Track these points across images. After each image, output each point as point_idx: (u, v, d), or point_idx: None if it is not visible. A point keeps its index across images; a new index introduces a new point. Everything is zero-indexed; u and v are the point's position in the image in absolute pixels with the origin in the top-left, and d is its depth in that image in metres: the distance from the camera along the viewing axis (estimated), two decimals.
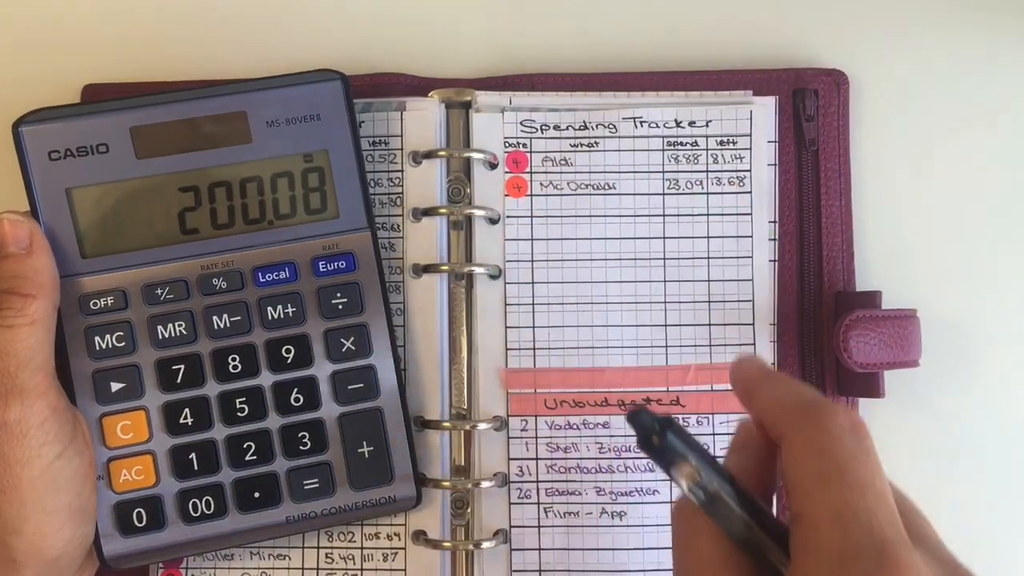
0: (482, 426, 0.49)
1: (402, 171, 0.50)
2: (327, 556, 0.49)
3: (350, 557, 0.49)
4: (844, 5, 0.53)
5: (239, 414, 0.47)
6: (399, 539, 0.49)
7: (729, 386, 0.49)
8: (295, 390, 0.47)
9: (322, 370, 0.47)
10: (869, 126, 0.53)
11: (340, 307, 0.47)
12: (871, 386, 0.48)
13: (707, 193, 0.51)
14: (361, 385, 0.48)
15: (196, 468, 0.47)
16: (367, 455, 0.47)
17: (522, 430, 0.50)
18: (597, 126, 0.51)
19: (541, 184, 0.51)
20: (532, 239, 0.51)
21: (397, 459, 0.48)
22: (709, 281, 0.50)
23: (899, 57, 0.53)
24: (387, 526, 0.49)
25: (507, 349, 0.50)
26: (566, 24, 0.54)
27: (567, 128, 0.51)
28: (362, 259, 0.48)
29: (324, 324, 0.47)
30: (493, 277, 0.50)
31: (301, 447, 0.47)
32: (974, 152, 0.53)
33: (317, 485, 0.47)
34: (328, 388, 0.47)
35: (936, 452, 0.51)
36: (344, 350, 0.47)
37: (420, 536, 0.49)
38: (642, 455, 0.49)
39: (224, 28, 0.54)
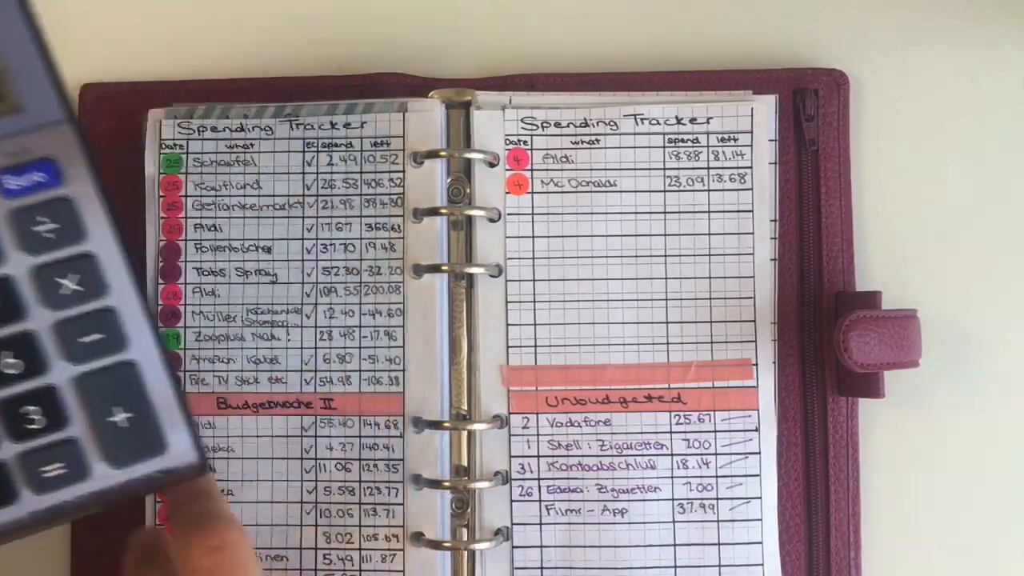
0: (483, 427, 0.49)
1: (403, 171, 0.50)
2: (324, 557, 0.49)
3: (348, 558, 0.49)
4: (844, 5, 0.53)
5: None
6: (397, 540, 0.49)
7: (731, 383, 0.50)
8: (7, 353, 0.36)
9: (40, 321, 0.36)
10: (869, 126, 0.52)
11: (49, 235, 0.36)
12: (871, 386, 0.48)
13: (708, 190, 0.51)
14: (100, 336, 0.37)
15: None
16: (124, 423, 0.37)
17: (523, 427, 0.50)
18: (598, 123, 0.51)
19: (542, 181, 0.51)
20: (533, 236, 0.51)
21: (167, 422, 0.37)
22: (710, 278, 0.50)
23: (899, 57, 0.53)
24: (384, 527, 0.49)
25: (508, 347, 0.50)
26: (566, 24, 0.53)
27: (568, 125, 0.51)
28: (68, 165, 0.36)
29: (30, 260, 0.36)
30: (494, 276, 0.50)
31: (30, 425, 0.36)
32: (974, 152, 0.53)
33: (65, 470, 0.37)
34: (54, 344, 0.36)
35: (936, 452, 0.51)
36: (67, 292, 0.36)
37: (419, 537, 0.49)
38: (644, 452, 0.49)
39: (223, 28, 0.53)
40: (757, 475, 0.49)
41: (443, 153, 0.50)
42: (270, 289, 0.50)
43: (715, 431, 0.50)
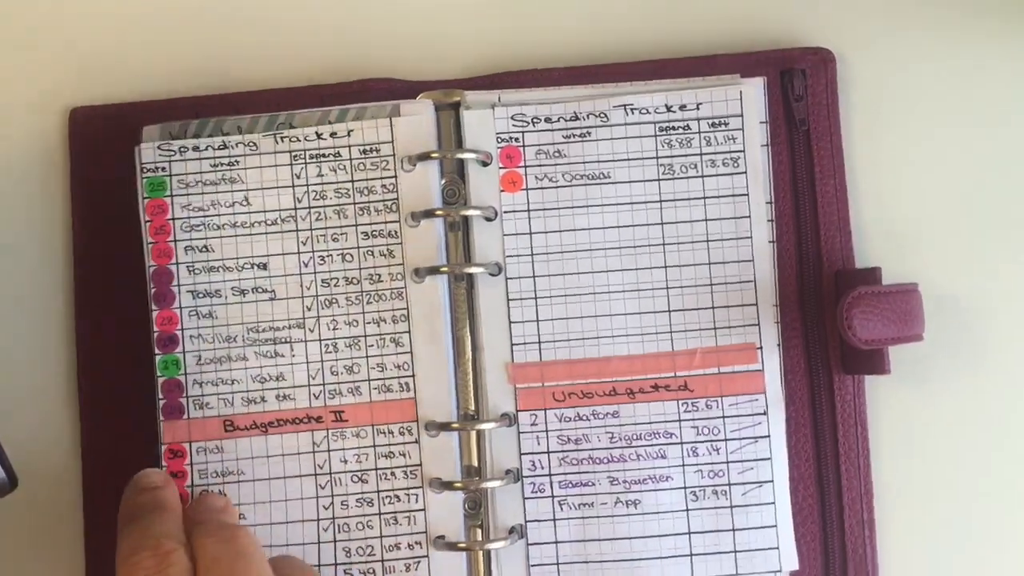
0: (491, 426, 0.49)
1: (395, 176, 0.50)
2: (345, 572, 0.49)
3: (370, 571, 0.49)
4: None
5: None
6: (420, 547, 0.49)
7: (737, 367, 0.49)
8: None
9: None
10: (859, 103, 0.52)
11: None
12: (876, 363, 0.48)
13: (702, 176, 0.50)
14: None
15: None
16: None
17: (532, 424, 0.50)
18: (588, 116, 0.51)
19: (536, 178, 0.51)
20: (530, 233, 0.50)
21: None
22: (710, 264, 0.50)
23: (886, 33, 0.53)
24: (407, 535, 0.49)
25: (512, 344, 0.50)
26: (548, 20, 0.53)
27: (558, 120, 0.51)
28: None
29: None
30: (493, 275, 0.50)
31: None
32: (965, 125, 0.52)
33: None
34: None
35: (942, 427, 0.51)
36: None
37: (439, 540, 0.49)
38: (653, 442, 0.49)
39: (214, 39, 0.53)
40: (768, 458, 0.49)
41: (435, 155, 0.50)
42: (269, 306, 0.50)
43: (723, 417, 0.50)
